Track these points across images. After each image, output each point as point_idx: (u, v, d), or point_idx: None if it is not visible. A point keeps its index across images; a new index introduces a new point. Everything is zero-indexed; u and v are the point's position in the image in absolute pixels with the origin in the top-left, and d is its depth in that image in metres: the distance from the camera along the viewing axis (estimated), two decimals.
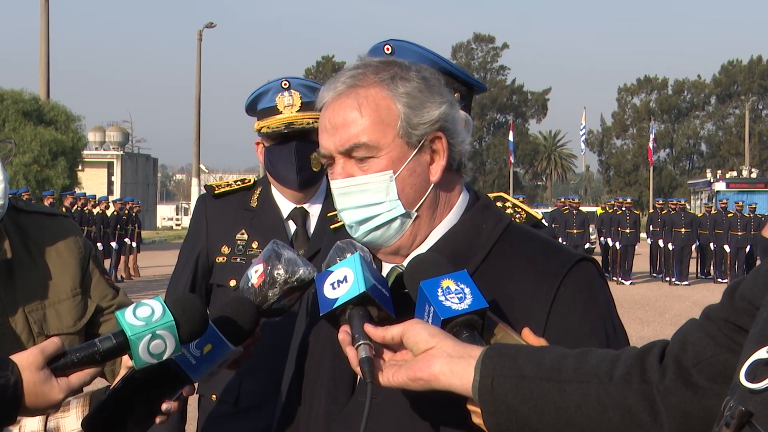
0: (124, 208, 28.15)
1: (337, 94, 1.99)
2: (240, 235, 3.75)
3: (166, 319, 1.89)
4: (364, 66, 2.01)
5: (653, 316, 18.61)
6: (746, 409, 1.35)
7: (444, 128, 2.00)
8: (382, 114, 1.96)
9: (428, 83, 2.00)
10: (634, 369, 1.64)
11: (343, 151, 1.97)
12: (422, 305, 1.82)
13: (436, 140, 2.00)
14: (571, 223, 27.09)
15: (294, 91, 3.74)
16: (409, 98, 1.97)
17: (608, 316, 2.00)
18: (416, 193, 2.00)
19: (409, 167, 1.98)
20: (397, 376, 1.76)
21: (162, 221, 72.34)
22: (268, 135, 3.76)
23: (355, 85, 1.98)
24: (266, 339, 2.77)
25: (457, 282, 1.81)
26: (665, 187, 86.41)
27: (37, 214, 2.75)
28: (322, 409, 2.07)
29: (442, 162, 2.00)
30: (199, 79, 52.56)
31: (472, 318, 1.78)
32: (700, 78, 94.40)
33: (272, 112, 3.74)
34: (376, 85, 1.97)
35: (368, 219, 1.99)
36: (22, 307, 2.59)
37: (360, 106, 1.96)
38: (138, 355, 1.88)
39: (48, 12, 39.15)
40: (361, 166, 1.98)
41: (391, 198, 1.98)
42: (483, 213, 2.07)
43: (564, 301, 1.95)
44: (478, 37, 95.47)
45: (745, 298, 1.55)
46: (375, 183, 1.97)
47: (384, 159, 1.96)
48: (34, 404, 1.89)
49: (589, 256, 2.07)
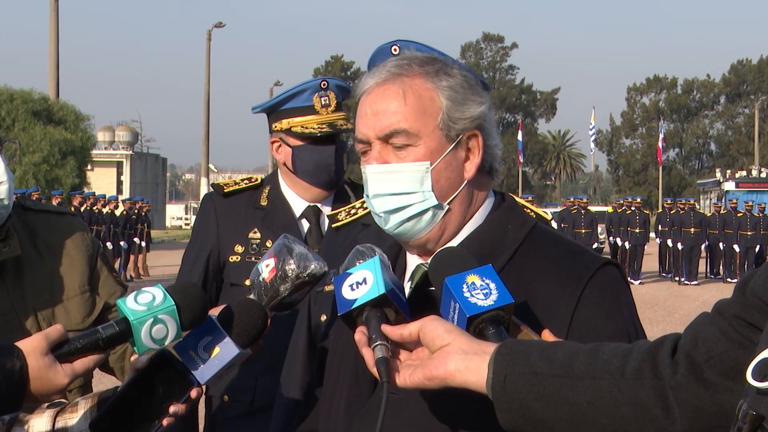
0: (134, 207, 28.20)
1: (382, 80, 2.01)
2: (253, 234, 3.74)
3: (167, 304, 1.92)
4: (408, 58, 2.05)
5: (662, 315, 18.60)
6: (757, 413, 1.35)
7: (481, 127, 2.03)
8: (425, 104, 1.98)
9: (469, 81, 2.03)
10: (646, 364, 1.64)
11: (382, 136, 1.99)
12: (447, 301, 1.82)
13: (473, 138, 2.03)
14: (580, 223, 27.03)
15: (331, 92, 3.74)
16: (451, 92, 2.00)
17: (631, 319, 2.01)
18: (450, 187, 2.02)
19: (445, 160, 2.00)
20: (413, 376, 1.77)
21: (171, 221, 72.45)
22: (302, 135, 3.72)
23: (399, 74, 2.00)
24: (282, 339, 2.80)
25: (482, 277, 1.81)
26: (674, 187, 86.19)
27: (45, 212, 2.77)
28: (343, 404, 2.09)
29: (476, 160, 2.03)
30: (208, 78, 52.61)
31: (498, 314, 1.78)
32: (709, 77, 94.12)
33: (308, 112, 3.71)
34: (420, 76, 2.00)
35: (400, 209, 2.00)
36: (32, 304, 2.60)
37: (404, 94, 1.98)
38: (140, 340, 1.91)
39: (57, 12, 39.24)
40: (398, 154, 1.99)
41: (425, 188, 1.99)
42: (509, 214, 2.09)
43: (588, 304, 1.95)
44: (487, 36, 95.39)
45: (756, 295, 1.55)
46: (411, 172, 1.99)
47: (422, 148, 1.98)
48: (39, 389, 1.91)
49: (613, 260, 2.08)
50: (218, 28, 54.45)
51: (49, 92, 38.80)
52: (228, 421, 3.72)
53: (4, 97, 36.11)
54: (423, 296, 1.97)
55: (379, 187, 2.01)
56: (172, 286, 1.99)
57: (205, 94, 52.80)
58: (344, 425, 2.07)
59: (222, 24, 54.82)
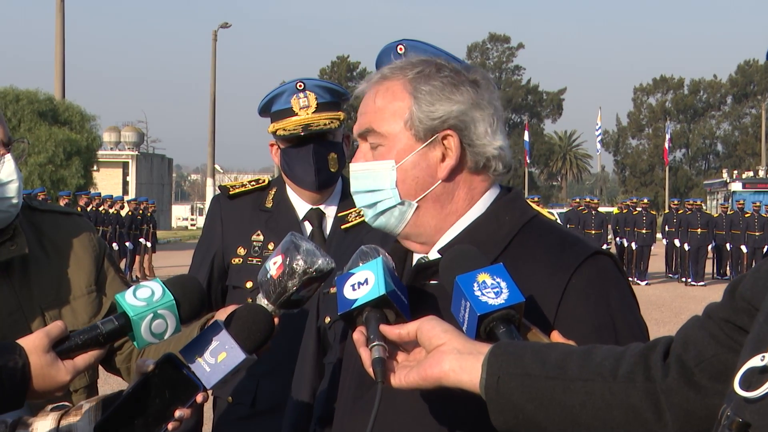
0: (139, 208, 28.25)
1: (372, 83, 2.13)
2: (256, 236, 3.74)
3: (166, 299, 1.95)
4: (405, 62, 2.13)
5: (669, 316, 18.58)
6: (743, 420, 1.35)
7: (456, 127, 2.04)
8: (395, 106, 2.06)
9: (451, 81, 2.06)
10: (638, 367, 1.65)
11: (359, 134, 2.12)
12: (458, 300, 1.83)
13: (448, 138, 2.05)
14: (590, 224, 26.98)
15: (309, 93, 3.71)
16: (423, 94, 2.04)
17: (620, 312, 2.00)
18: (418, 186, 2.06)
19: (412, 160, 2.05)
20: (409, 376, 1.78)
21: (177, 221, 72.53)
22: (283, 137, 3.73)
23: (384, 77, 2.10)
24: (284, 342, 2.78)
25: (493, 276, 1.82)
26: (681, 188, 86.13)
27: (51, 212, 2.78)
28: (351, 394, 2.14)
29: (451, 161, 2.05)
30: (213, 79, 52.74)
31: (509, 312, 1.79)
32: (716, 78, 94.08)
33: (287, 114, 3.71)
34: (400, 79, 2.08)
35: (372, 204, 2.09)
36: (38, 303, 2.61)
37: (376, 96, 2.08)
38: (140, 335, 1.93)
39: (63, 12, 39.35)
40: (373, 152, 2.09)
41: (390, 186, 2.06)
42: (507, 206, 2.11)
43: (574, 293, 1.96)
44: (493, 37, 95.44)
45: (744, 299, 1.56)
46: (378, 170, 2.08)
47: (388, 148, 2.07)
48: (42, 387, 1.92)
49: (606, 250, 2.07)
50: (224, 28, 54.59)
51: (54, 93, 38.93)
52: (229, 424, 3.72)
53: (10, 98, 36.23)
54: (421, 290, 2.03)
55: (356, 184, 2.12)
56: (170, 280, 2.01)
57: (211, 95, 52.93)
58: (348, 416, 2.13)
59: (228, 24, 54.95)
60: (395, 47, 2.74)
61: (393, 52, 2.73)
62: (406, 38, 2.83)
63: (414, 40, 2.82)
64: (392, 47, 2.75)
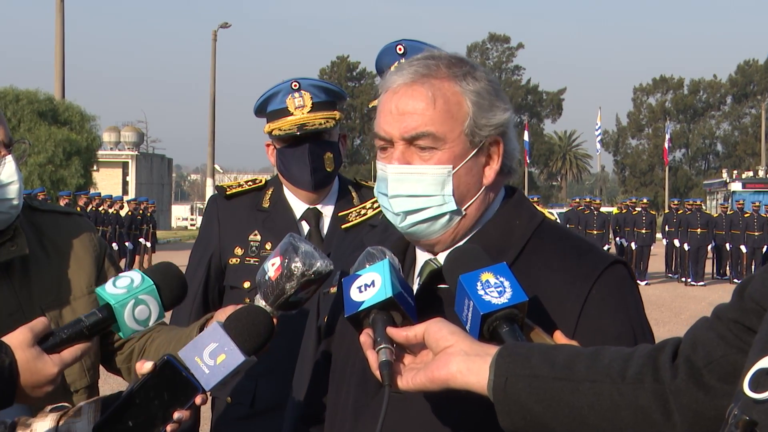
0: (139, 208, 28.25)
1: (410, 80, 1.99)
2: (253, 236, 3.73)
3: (146, 284, 1.97)
4: (435, 58, 2.03)
5: (669, 316, 18.57)
6: (750, 418, 1.35)
7: (504, 134, 2.04)
8: (452, 108, 1.98)
9: (495, 86, 2.04)
10: (647, 368, 1.64)
11: (407, 137, 1.98)
12: (462, 299, 1.83)
13: (495, 144, 2.03)
14: (591, 224, 26.95)
15: (305, 92, 3.71)
16: (478, 98, 1.99)
17: (637, 319, 2.01)
18: (469, 192, 2.02)
19: (467, 166, 2.00)
20: (416, 378, 1.77)
21: (177, 221, 72.50)
22: (279, 137, 3.73)
23: (428, 75, 1.99)
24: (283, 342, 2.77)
25: (497, 275, 1.82)
26: (681, 188, 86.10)
27: (52, 212, 2.78)
28: (351, 398, 2.11)
29: (496, 166, 2.04)
30: (213, 79, 52.72)
31: (512, 311, 1.78)
32: (715, 78, 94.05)
33: (283, 114, 3.70)
34: (448, 79, 1.99)
35: (418, 210, 2.00)
36: (39, 303, 2.60)
37: (434, 97, 1.97)
38: (124, 322, 1.95)
39: (63, 12, 39.35)
40: (421, 155, 1.99)
41: (445, 192, 2.00)
42: (516, 209, 2.10)
43: (595, 303, 1.96)
44: (493, 37, 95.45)
45: (753, 299, 1.55)
46: (433, 175, 1.99)
47: (446, 152, 1.98)
48: (30, 382, 1.92)
49: (621, 258, 2.07)
50: (224, 28, 54.56)
51: (54, 93, 38.93)
52: (228, 424, 3.71)
53: (10, 98, 36.23)
54: (430, 294, 1.99)
55: (400, 188, 2.00)
56: (149, 269, 2.03)
57: (211, 95, 52.92)
58: (350, 422, 2.10)
59: (228, 24, 54.93)
60: (394, 47, 2.74)
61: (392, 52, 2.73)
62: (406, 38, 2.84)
63: (413, 40, 2.83)
64: (392, 47, 2.76)
